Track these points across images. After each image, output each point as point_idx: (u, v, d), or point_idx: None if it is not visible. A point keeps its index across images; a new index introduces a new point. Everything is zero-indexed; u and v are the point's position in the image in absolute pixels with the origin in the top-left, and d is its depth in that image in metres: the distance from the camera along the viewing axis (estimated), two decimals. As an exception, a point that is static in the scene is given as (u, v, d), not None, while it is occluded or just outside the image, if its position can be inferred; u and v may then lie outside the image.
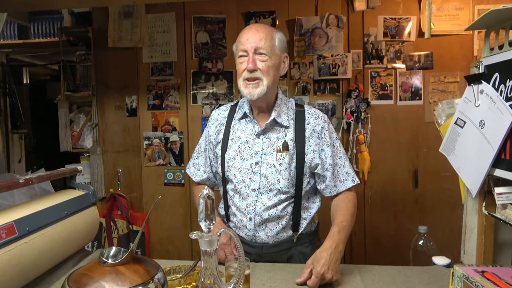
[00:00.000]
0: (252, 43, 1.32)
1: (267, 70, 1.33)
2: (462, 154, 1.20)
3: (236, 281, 0.85)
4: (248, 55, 1.33)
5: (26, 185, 1.15)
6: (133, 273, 0.83)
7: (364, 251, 2.65)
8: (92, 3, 2.41)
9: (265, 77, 1.33)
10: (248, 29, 1.37)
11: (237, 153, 1.40)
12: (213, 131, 1.49)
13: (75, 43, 2.87)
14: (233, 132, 1.44)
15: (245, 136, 1.42)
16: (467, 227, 1.23)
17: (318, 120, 1.42)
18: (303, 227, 1.40)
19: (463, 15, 2.47)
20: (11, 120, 3.19)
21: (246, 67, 1.32)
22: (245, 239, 1.41)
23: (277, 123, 1.40)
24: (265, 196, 1.36)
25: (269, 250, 1.39)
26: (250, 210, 1.37)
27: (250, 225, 1.38)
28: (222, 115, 1.51)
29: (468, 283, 0.93)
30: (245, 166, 1.38)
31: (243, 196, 1.38)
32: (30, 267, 1.07)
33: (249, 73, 1.32)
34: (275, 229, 1.37)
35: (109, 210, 2.78)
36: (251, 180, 1.37)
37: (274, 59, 1.35)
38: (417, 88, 2.57)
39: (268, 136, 1.39)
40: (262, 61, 1.33)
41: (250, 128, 1.42)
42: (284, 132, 1.39)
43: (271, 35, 1.36)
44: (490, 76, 1.08)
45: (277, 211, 1.36)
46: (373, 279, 1.20)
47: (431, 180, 2.56)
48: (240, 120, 1.45)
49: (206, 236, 0.78)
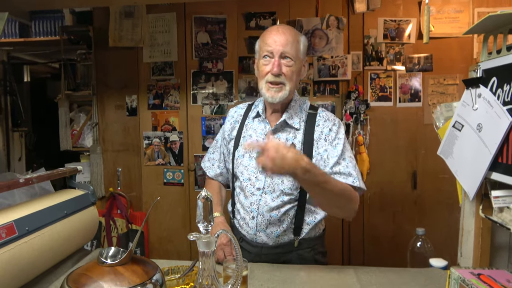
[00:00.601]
0: (279, 46, 1.31)
1: (291, 75, 1.33)
2: (460, 157, 1.21)
3: (233, 282, 0.86)
4: (274, 58, 1.32)
5: (26, 184, 1.16)
6: (131, 274, 0.84)
7: (363, 252, 2.65)
8: (93, 3, 2.42)
9: (288, 82, 1.33)
10: (275, 30, 1.35)
11: (246, 151, 1.42)
12: (228, 127, 1.52)
13: (76, 42, 2.88)
14: (245, 130, 1.47)
15: (256, 135, 1.43)
16: (464, 229, 1.24)
17: (327, 122, 1.40)
18: (306, 232, 1.39)
19: (463, 17, 2.47)
20: (12, 118, 3.20)
21: (270, 70, 1.31)
22: (246, 238, 1.43)
23: (287, 124, 1.40)
24: (269, 196, 1.37)
25: (269, 251, 1.40)
26: (254, 209, 1.38)
27: (252, 224, 1.39)
28: (239, 112, 1.54)
29: (464, 285, 0.94)
30: (252, 165, 1.40)
31: (248, 194, 1.40)
32: (30, 267, 1.08)
33: (273, 77, 1.32)
34: (276, 231, 1.37)
35: (109, 209, 2.79)
36: (257, 179, 1.39)
37: (298, 64, 1.36)
38: (417, 90, 2.57)
39: (277, 137, 1.40)
40: (287, 65, 1.32)
41: (261, 128, 1.44)
42: (294, 134, 1.40)
43: (297, 40, 1.35)
44: (488, 80, 1.09)
45: (279, 213, 1.36)
46: (370, 281, 1.20)
47: (429, 182, 2.57)
48: (254, 119, 1.47)
49: (204, 238, 0.79)
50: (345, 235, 2.66)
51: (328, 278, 1.23)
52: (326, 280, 1.21)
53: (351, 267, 1.32)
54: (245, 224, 1.41)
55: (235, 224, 1.49)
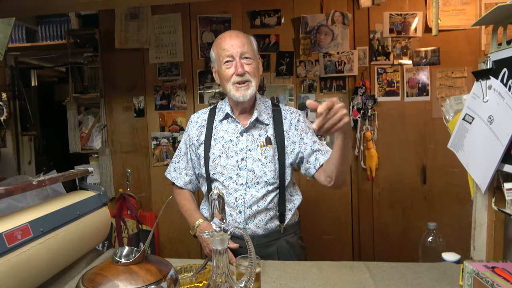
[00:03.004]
0: (237, 48, 1.40)
1: (254, 72, 1.43)
2: (471, 150, 1.20)
3: (247, 279, 0.86)
4: (235, 60, 1.40)
5: (39, 187, 1.17)
6: (146, 272, 0.85)
7: (373, 248, 2.65)
8: (99, 6, 2.43)
9: (253, 79, 1.42)
10: (228, 36, 1.44)
11: (222, 151, 1.47)
12: (194, 133, 1.55)
13: (82, 45, 2.90)
14: (215, 133, 1.51)
15: (229, 135, 1.48)
16: (476, 223, 1.23)
17: (293, 114, 1.53)
18: (289, 218, 1.49)
19: (470, 9, 2.45)
20: (21, 122, 3.23)
21: (234, 71, 1.40)
22: (235, 233, 1.46)
23: (258, 121, 1.49)
24: (253, 189, 1.44)
25: (259, 241, 1.45)
26: (239, 204, 1.43)
27: (240, 218, 1.44)
28: (202, 117, 1.57)
29: (479, 279, 0.93)
30: (231, 163, 1.45)
31: (231, 191, 1.44)
32: (45, 267, 1.09)
33: (239, 77, 1.40)
34: (264, 219, 1.44)
35: (119, 210, 2.81)
36: (238, 175, 1.44)
37: (256, 61, 1.46)
38: (424, 84, 2.55)
39: (251, 134, 1.48)
40: (248, 64, 1.41)
41: (232, 128, 1.49)
42: (265, 129, 1.49)
43: (249, 40, 1.45)
44: (498, 72, 1.07)
45: (265, 202, 1.43)
46: (382, 276, 1.20)
47: (439, 176, 2.55)
48: (222, 121, 1.52)
49: (217, 235, 0.79)
50: (355, 230, 2.65)
51: (340, 274, 1.23)
52: (339, 276, 1.21)
53: (363, 263, 1.31)
54: (232, 220, 1.45)
55: None
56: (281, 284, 1.17)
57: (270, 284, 1.16)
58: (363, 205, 2.65)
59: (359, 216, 2.64)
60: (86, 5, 2.22)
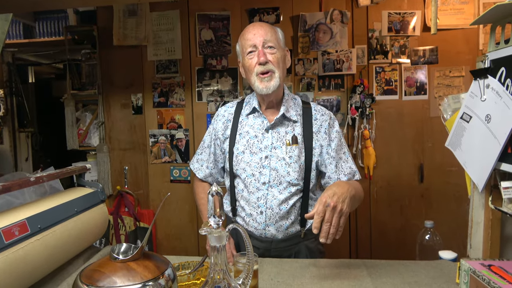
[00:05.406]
0: (260, 37, 1.35)
1: (277, 62, 1.37)
2: (468, 149, 1.20)
3: (245, 276, 0.87)
4: (258, 49, 1.35)
5: (37, 183, 1.17)
6: (143, 269, 0.85)
7: (370, 246, 2.66)
8: (97, 2, 2.42)
9: (277, 69, 1.36)
10: (251, 26, 1.41)
11: (246, 147, 1.42)
12: (220, 127, 1.51)
13: (80, 42, 2.89)
14: (241, 127, 1.46)
15: (254, 130, 1.43)
16: (473, 221, 1.23)
17: (324, 116, 1.46)
18: (310, 222, 1.41)
19: (468, 9, 2.45)
20: (18, 119, 3.22)
21: (257, 61, 1.35)
22: (253, 234, 1.42)
23: (286, 117, 1.43)
24: (276, 190, 1.38)
25: (278, 245, 1.41)
26: (261, 204, 1.38)
27: (260, 219, 1.39)
28: (229, 111, 1.53)
29: (475, 277, 0.94)
30: (255, 160, 1.40)
31: (253, 190, 1.40)
32: (43, 264, 1.09)
33: (262, 66, 1.34)
34: (285, 224, 1.39)
35: (116, 208, 2.81)
36: (261, 173, 1.39)
37: (281, 52, 1.40)
38: (422, 82, 2.56)
39: (277, 131, 1.42)
40: (271, 53, 1.36)
41: (258, 123, 1.44)
42: (293, 127, 1.42)
43: (274, 29, 1.40)
44: (496, 71, 1.08)
45: (288, 205, 1.38)
46: (380, 274, 1.21)
47: (436, 175, 2.56)
48: (248, 115, 1.47)
49: (215, 232, 0.79)
50: (353, 229, 2.66)
51: (338, 271, 1.23)
52: (336, 274, 1.21)
53: (360, 261, 1.32)
54: (252, 220, 1.41)
55: (239, 222, 1.47)
56: (278, 281, 1.17)
57: (267, 282, 1.17)
58: (360, 203, 2.65)
59: (357, 214, 2.65)
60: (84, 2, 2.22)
